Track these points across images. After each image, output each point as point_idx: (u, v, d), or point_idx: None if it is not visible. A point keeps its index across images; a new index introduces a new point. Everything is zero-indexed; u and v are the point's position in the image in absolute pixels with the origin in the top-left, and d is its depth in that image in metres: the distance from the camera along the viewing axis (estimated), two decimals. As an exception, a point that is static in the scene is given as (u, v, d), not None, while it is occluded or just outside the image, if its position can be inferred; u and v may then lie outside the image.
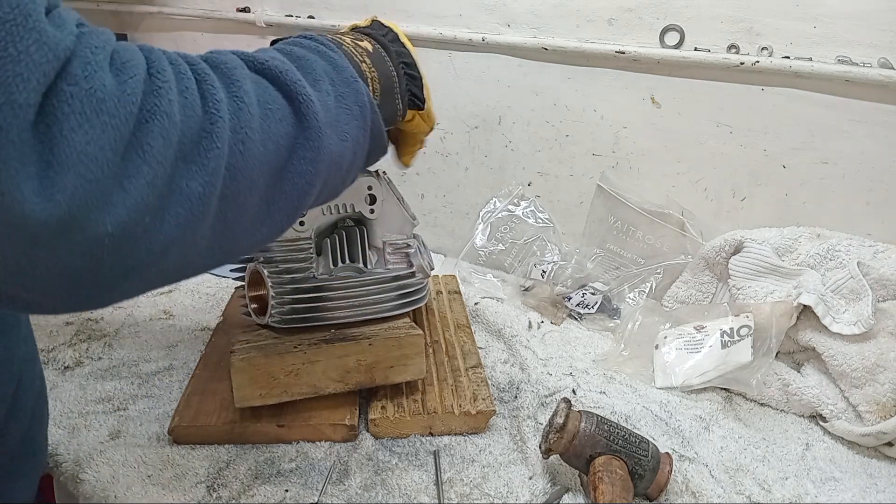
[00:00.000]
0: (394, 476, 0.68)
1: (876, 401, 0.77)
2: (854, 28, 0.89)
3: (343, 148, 0.49)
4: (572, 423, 0.66)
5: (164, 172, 0.35)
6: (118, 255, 0.34)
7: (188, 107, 0.37)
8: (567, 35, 1.07)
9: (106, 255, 0.33)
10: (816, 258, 0.91)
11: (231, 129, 0.39)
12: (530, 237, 1.15)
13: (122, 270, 0.35)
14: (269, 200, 0.43)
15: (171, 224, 0.36)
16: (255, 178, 0.41)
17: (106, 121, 0.32)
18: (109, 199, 0.32)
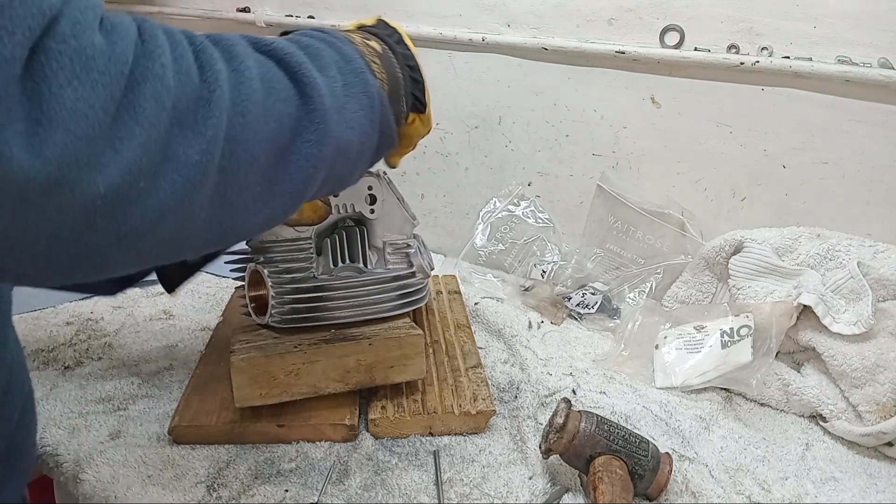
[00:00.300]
0: (394, 476, 0.68)
1: (876, 401, 0.77)
2: (854, 28, 0.89)
3: (350, 135, 0.49)
4: (572, 424, 0.66)
5: (157, 136, 0.34)
6: (111, 219, 0.34)
7: (183, 73, 0.36)
8: (567, 35, 1.07)
9: (98, 218, 0.33)
10: (816, 258, 0.91)
11: (231, 101, 0.38)
12: (530, 237, 1.15)
13: (115, 237, 0.35)
14: (272, 180, 0.43)
15: (166, 190, 0.35)
16: (256, 155, 0.41)
17: (96, 78, 0.32)
18: (101, 158, 0.32)
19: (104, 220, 0.33)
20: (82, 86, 0.31)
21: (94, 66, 0.32)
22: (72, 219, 0.32)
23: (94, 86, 0.31)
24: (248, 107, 0.39)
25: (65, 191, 0.31)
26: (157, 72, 0.34)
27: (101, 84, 0.32)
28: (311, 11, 1.24)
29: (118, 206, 0.33)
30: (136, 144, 0.33)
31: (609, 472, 0.63)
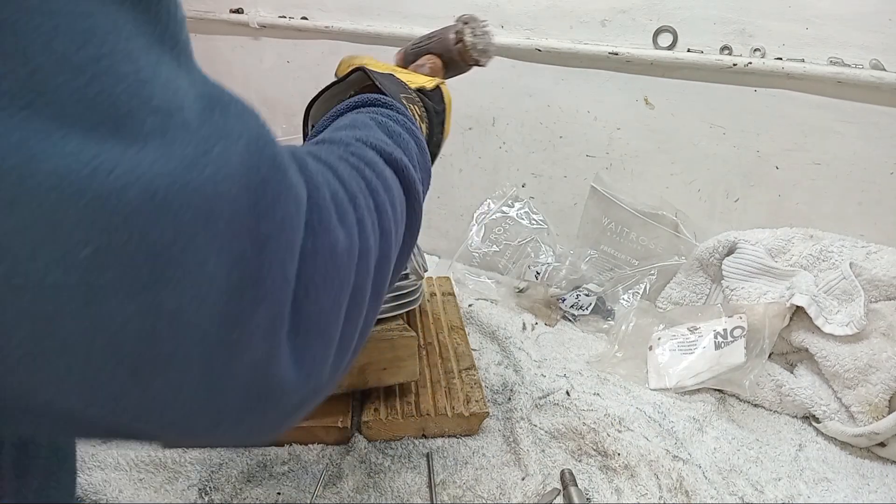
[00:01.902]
0: (386, 478, 0.68)
1: (868, 401, 0.77)
2: (846, 30, 0.90)
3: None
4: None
5: (364, 314, 0.33)
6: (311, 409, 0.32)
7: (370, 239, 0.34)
8: (560, 36, 1.07)
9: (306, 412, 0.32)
10: (809, 259, 0.91)
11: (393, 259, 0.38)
12: (524, 238, 1.15)
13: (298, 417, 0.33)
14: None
15: (354, 357, 0.35)
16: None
17: (343, 278, 0.30)
18: (341, 363, 0.31)
19: (310, 406, 0.32)
20: (333, 288, 0.29)
21: (341, 262, 0.30)
22: (288, 416, 0.31)
23: (341, 286, 0.30)
24: (392, 254, 0.38)
25: (316, 399, 0.30)
26: (370, 247, 0.33)
27: (346, 282, 0.30)
28: (304, 13, 1.24)
29: (328, 392, 0.33)
30: (358, 333, 0.33)
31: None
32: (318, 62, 1.27)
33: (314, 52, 1.27)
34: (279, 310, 0.26)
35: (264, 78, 1.34)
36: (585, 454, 0.74)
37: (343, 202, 0.32)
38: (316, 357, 0.29)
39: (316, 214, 0.29)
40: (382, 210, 0.36)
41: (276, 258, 0.25)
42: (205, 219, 0.23)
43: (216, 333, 0.24)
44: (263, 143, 0.26)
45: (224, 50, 1.35)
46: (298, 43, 1.27)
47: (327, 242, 0.29)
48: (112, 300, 0.21)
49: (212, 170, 0.23)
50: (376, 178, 0.38)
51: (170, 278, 0.22)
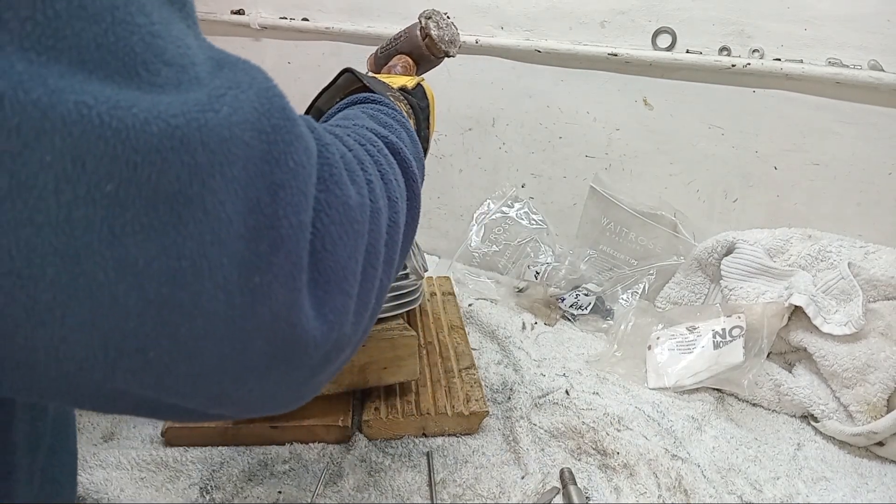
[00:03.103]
0: (387, 477, 0.68)
1: (867, 401, 0.77)
2: (844, 30, 0.90)
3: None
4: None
5: (388, 279, 0.34)
6: (336, 365, 0.32)
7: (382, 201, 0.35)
8: (560, 37, 1.07)
9: (329, 367, 0.32)
10: (808, 259, 0.92)
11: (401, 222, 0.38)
12: (524, 239, 1.15)
13: (325, 378, 0.33)
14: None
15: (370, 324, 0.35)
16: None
17: (357, 230, 0.30)
18: (362, 316, 0.31)
19: (332, 366, 0.32)
20: (350, 240, 0.30)
21: (354, 216, 0.30)
22: (325, 377, 0.31)
23: (357, 238, 0.30)
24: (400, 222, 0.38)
25: (342, 352, 0.30)
26: (381, 205, 0.33)
27: (360, 235, 0.31)
28: (305, 14, 1.24)
29: (346, 358, 0.33)
30: (376, 291, 0.33)
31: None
32: (318, 63, 1.28)
33: (315, 53, 1.27)
34: (297, 257, 0.27)
35: (265, 79, 1.34)
36: (585, 453, 0.74)
37: (352, 163, 0.33)
38: (337, 308, 0.29)
39: (327, 169, 0.29)
40: (388, 180, 0.37)
41: (290, 205, 0.26)
42: (220, 161, 0.23)
43: (237, 278, 0.24)
44: (273, 94, 0.26)
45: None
46: (299, 44, 1.28)
47: (340, 195, 0.29)
48: (136, 238, 0.22)
49: (227, 111, 0.24)
50: (378, 153, 0.39)
51: (189, 219, 0.23)
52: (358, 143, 0.38)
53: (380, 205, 0.34)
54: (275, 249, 0.25)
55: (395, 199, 0.37)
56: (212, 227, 0.23)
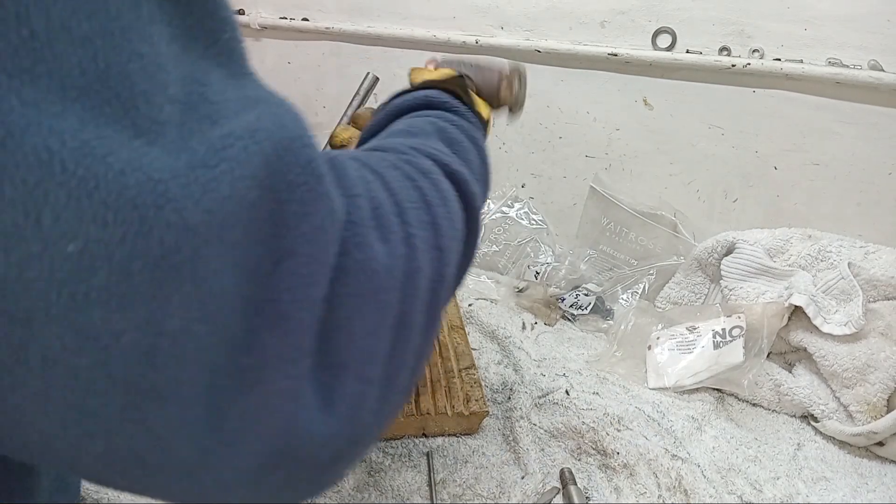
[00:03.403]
0: (387, 477, 0.68)
1: (867, 401, 0.77)
2: (844, 30, 0.90)
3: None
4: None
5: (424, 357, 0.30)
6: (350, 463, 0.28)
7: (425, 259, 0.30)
8: (560, 37, 1.07)
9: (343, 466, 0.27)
10: (808, 259, 0.92)
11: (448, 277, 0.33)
12: (524, 238, 1.15)
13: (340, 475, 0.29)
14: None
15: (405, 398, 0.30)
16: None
17: (384, 300, 0.26)
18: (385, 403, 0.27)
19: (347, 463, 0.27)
20: (373, 313, 0.25)
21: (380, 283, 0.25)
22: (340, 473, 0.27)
23: (381, 311, 0.26)
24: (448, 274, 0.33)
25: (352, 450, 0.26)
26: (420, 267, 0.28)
27: (388, 305, 0.26)
28: (305, 14, 1.24)
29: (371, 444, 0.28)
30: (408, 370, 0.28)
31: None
32: (319, 63, 1.28)
33: (315, 53, 1.27)
34: (299, 338, 0.23)
35: (266, 78, 1.32)
36: (585, 453, 0.74)
37: (387, 214, 0.28)
38: (350, 398, 0.25)
39: (349, 228, 0.25)
40: (438, 225, 0.32)
41: (296, 275, 0.22)
42: (219, 223, 0.20)
43: (225, 359, 0.21)
44: (299, 146, 0.23)
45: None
46: (299, 44, 1.28)
47: (362, 259, 0.25)
48: (102, 308, 0.18)
49: (227, 167, 0.20)
50: (433, 190, 0.33)
51: (173, 291, 0.19)
52: (408, 177, 0.33)
53: (420, 262, 0.29)
54: (270, 327, 0.22)
55: (445, 247, 0.32)
56: (201, 300, 0.20)
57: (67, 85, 0.18)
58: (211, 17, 0.23)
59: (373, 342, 0.26)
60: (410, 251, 0.28)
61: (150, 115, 0.19)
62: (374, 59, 1.22)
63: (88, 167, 0.17)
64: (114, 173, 0.18)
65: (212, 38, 0.23)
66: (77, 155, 0.17)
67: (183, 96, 0.21)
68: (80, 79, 0.18)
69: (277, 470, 0.24)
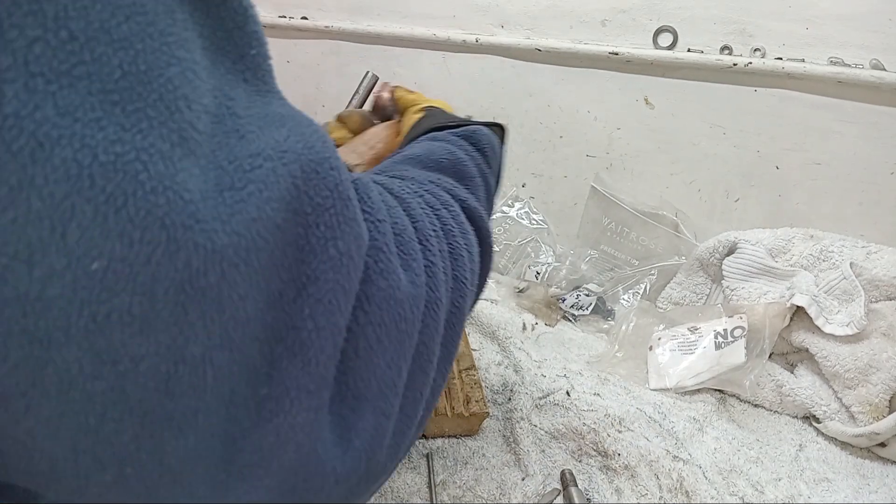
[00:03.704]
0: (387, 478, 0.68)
1: (869, 401, 0.77)
2: (846, 29, 0.90)
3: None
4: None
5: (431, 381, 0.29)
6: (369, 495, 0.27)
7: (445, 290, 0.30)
8: (560, 36, 1.07)
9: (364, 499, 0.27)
10: (809, 259, 0.91)
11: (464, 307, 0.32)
12: (524, 238, 1.15)
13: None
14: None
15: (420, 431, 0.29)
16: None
17: (404, 330, 0.25)
18: (404, 437, 0.26)
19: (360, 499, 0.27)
20: (393, 343, 0.24)
21: (402, 312, 0.25)
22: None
23: (401, 341, 0.25)
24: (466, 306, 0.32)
25: (374, 483, 0.26)
26: (440, 297, 0.28)
27: (408, 335, 0.25)
28: (304, 12, 1.24)
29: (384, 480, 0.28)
30: (429, 399, 0.28)
31: None
32: (318, 62, 1.27)
33: (314, 52, 1.27)
34: (321, 368, 0.22)
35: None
36: (585, 454, 0.74)
37: (410, 242, 0.28)
38: (367, 432, 0.24)
39: (372, 254, 0.25)
40: (458, 255, 0.32)
41: (320, 302, 0.22)
42: (246, 246, 0.19)
43: (244, 389, 0.20)
44: (327, 168, 0.22)
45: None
46: (299, 42, 1.27)
47: (386, 287, 0.24)
48: (123, 332, 0.18)
49: (254, 188, 0.20)
50: (453, 221, 0.33)
51: (197, 316, 0.19)
52: (430, 205, 0.33)
53: (439, 293, 0.28)
54: (291, 356, 0.21)
55: (462, 279, 0.31)
56: (224, 327, 0.19)
57: (108, 88, 0.17)
58: (240, 31, 0.23)
59: (392, 374, 0.25)
60: (431, 280, 0.28)
61: (191, 121, 0.19)
62: (374, 57, 1.21)
63: (118, 184, 0.17)
64: (144, 192, 0.17)
65: (239, 53, 0.23)
66: (108, 170, 0.17)
67: (214, 108, 0.20)
68: (122, 81, 0.18)
69: (290, 499, 0.23)
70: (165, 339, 0.18)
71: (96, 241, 0.17)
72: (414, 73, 1.19)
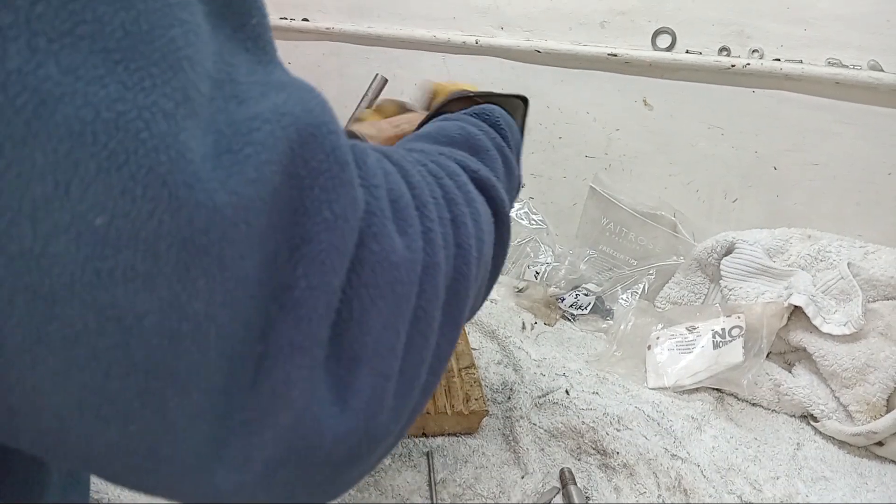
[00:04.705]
0: (387, 477, 0.68)
1: (866, 401, 0.77)
2: (844, 31, 0.90)
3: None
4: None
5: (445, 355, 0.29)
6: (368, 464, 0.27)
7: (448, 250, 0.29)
8: (560, 38, 1.07)
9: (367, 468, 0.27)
10: (807, 259, 0.92)
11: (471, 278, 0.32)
12: (524, 238, 1.15)
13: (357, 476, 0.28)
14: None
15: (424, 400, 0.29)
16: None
17: (400, 293, 0.25)
18: (404, 399, 0.26)
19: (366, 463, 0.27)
20: (388, 306, 0.24)
21: (397, 275, 0.25)
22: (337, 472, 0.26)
23: (397, 303, 0.25)
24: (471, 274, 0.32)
25: (378, 445, 0.26)
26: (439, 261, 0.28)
27: (405, 299, 0.25)
28: (305, 14, 1.24)
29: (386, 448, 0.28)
30: (433, 363, 0.28)
31: None
32: (318, 63, 1.28)
33: (315, 54, 1.27)
34: (314, 325, 0.22)
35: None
36: (584, 453, 0.74)
37: (407, 207, 0.28)
38: (363, 393, 0.24)
39: (366, 218, 0.25)
40: (461, 223, 0.31)
41: (314, 261, 0.22)
42: (246, 206, 0.20)
43: (242, 347, 0.21)
44: (325, 132, 0.22)
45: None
46: (299, 44, 1.28)
47: (379, 250, 0.24)
48: (126, 287, 0.18)
49: (252, 150, 0.20)
50: (457, 189, 0.33)
51: (199, 273, 0.19)
52: (432, 174, 0.33)
53: (438, 258, 0.28)
54: (285, 314, 0.21)
55: (465, 246, 0.31)
56: (225, 285, 0.20)
57: (110, 47, 0.17)
58: (241, 0, 0.23)
59: (388, 336, 0.25)
60: (428, 246, 0.28)
61: (194, 82, 0.19)
62: (374, 59, 1.22)
63: (120, 141, 0.17)
64: (146, 149, 0.17)
65: (240, 22, 0.23)
66: (110, 127, 0.17)
67: (214, 73, 0.20)
68: (124, 41, 0.18)
69: (290, 466, 0.23)
70: (168, 296, 0.19)
71: (99, 198, 0.17)
72: (414, 74, 1.19)
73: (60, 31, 0.17)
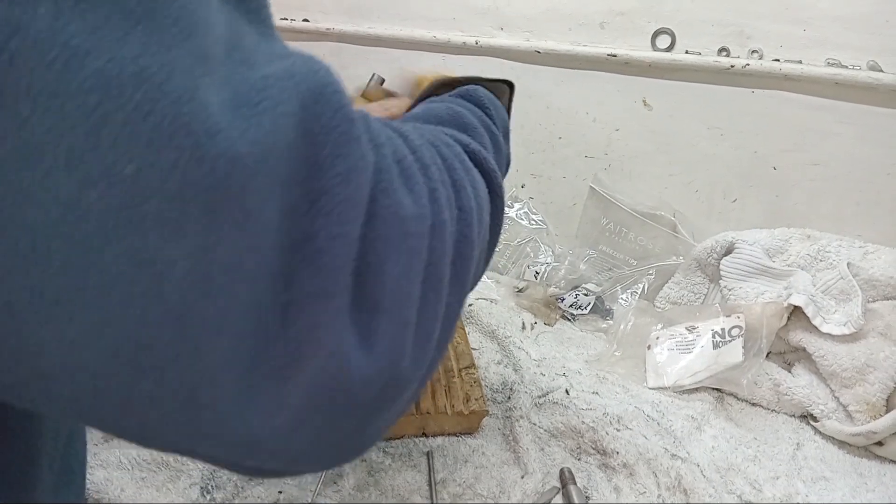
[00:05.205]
0: (387, 477, 0.69)
1: (866, 400, 0.78)
2: (843, 31, 0.90)
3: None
4: None
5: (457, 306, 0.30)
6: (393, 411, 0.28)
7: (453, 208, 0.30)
8: (559, 38, 1.07)
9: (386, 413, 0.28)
10: (807, 259, 0.92)
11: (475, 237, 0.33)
12: (524, 239, 1.15)
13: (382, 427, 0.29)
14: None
15: (440, 353, 0.30)
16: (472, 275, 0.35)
17: (413, 246, 0.26)
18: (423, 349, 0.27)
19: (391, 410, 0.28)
20: (401, 256, 0.25)
21: (408, 229, 0.26)
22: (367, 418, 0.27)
23: (410, 255, 0.26)
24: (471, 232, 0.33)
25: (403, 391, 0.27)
26: (446, 217, 0.29)
27: (417, 251, 0.26)
28: (305, 15, 1.24)
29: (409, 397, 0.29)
30: (446, 317, 0.29)
31: None
32: (318, 64, 1.28)
33: (315, 54, 1.27)
34: (336, 272, 0.23)
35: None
36: (584, 452, 0.75)
37: (411, 167, 0.29)
38: (388, 336, 0.25)
39: (375, 175, 0.26)
40: (461, 187, 0.33)
41: (332, 213, 0.23)
42: (265, 154, 0.20)
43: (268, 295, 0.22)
44: (332, 91, 0.24)
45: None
46: (300, 45, 1.28)
47: (389, 204, 0.25)
48: (158, 233, 0.19)
49: (268, 104, 0.21)
50: (454, 157, 0.34)
51: (225, 219, 0.20)
52: (430, 142, 0.34)
53: (444, 217, 0.29)
54: (307, 264, 0.22)
55: (467, 209, 0.32)
56: (250, 231, 0.21)
57: (128, 9, 0.18)
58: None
59: (404, 285, 0.26)
60: (434, 205, 0.29)
61: (210, 43, 0.20)
62: (375, 60, 1.22)
63: (145, 92, 0.18)
64: (169, 101, 0.18)
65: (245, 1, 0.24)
66: (135, 80, 0.18)
67: (228, 40, 0.22)
68: (143, 3, 0.19)
69: (322, 410, 0.24)
70: (197, 242, 0.19)
71: (127, 147, 0.18)
72: (414, 74, 1.19)
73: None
